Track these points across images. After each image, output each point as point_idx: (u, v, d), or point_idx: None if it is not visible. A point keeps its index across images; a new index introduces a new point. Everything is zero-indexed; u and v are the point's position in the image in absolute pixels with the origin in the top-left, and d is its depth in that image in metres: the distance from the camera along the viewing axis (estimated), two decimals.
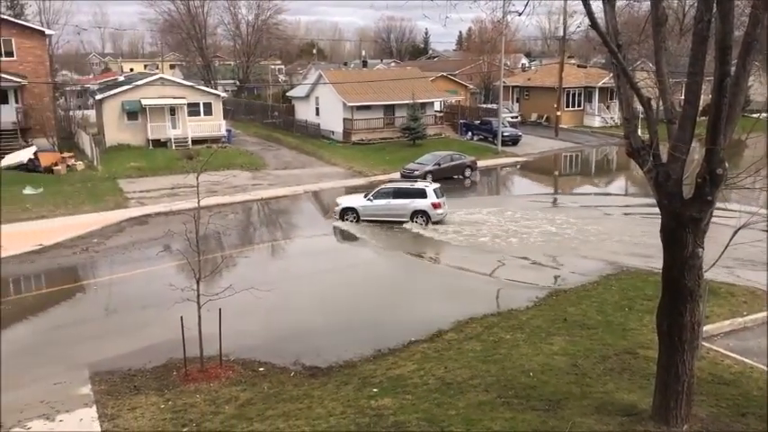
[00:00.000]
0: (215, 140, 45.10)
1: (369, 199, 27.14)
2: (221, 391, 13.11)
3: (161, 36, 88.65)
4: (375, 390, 12.86)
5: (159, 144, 43.85)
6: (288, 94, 61.49)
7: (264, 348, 15.28)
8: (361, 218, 26.98)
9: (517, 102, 64.23)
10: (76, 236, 25.53)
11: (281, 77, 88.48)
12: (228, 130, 48.13)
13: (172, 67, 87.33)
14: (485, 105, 61.72)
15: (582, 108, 60.39)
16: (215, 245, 24.48)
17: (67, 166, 37.57)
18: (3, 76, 39.69)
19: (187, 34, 70.12)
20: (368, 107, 48.44)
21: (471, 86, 67.97)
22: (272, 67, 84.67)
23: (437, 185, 28.16)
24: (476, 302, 18.11)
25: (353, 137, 48.08)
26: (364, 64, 76.82)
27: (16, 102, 41.39)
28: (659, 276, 10.90)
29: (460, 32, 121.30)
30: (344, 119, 48.60)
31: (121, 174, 36.72)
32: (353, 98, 47.65)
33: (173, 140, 43.94)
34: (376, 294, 19.35)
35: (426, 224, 26.78)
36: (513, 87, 64.36)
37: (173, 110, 44.66)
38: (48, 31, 45.82)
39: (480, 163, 40.36)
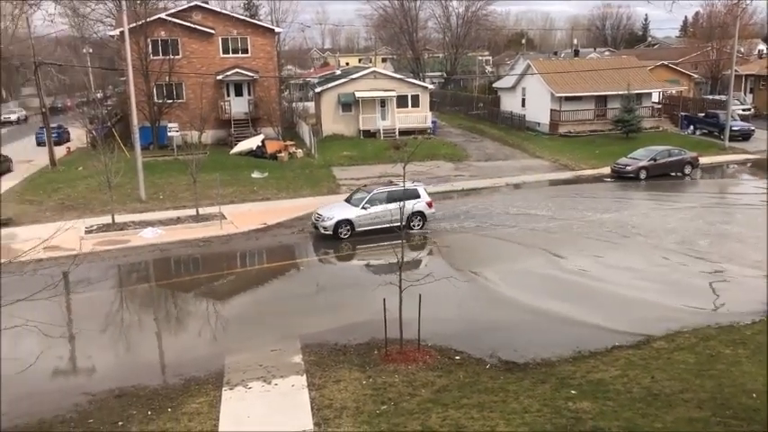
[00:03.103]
0: (421, 131, 46.31)
1: (363, 207, 24.63)
2: (418, 374, 13.49)
3: (375, 31, 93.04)
4: (573, 392, 12.40)
5: (369, 134, 46.07)
6: (494, 85, 61.17)
7: (461, 337, 15.42)
8: (357, 229, 24.47)
9: (750, 92, 57.62)
10: (295, 217, 27.78)
11: (488, 69, 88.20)
12: (434, 122, 49.13)
13: (383, 60, 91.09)
14: (711, 96, 56.19)
15: None
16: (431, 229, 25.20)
17: (289, 153, 40.98)
18: (238, 71, 44.40)
19: (399, 28, 72.76)
20: (577, 98, 46.56)
21: (696, 76, 62.24)
22: (480, 58, 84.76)
23: (422, 184, 26.53)
24: (688, 313, 16.66)
25: (560, 129, 46.52)
26: (576, 53, 73.91)
27: (248, 94, 46.08)
28: None
29: (686, 17, 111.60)
30: (551, 110, 47.19)
31: (335, 162, 39.17)
32: (562, 88, 46.06)
33: (381, 131, 45.92)
34: (577, 293, 18.55)
35: (422, 225, 25.30)
36: (747, 76, 57.81)
37: (383, 102, 46.64)
38: (277, 30, 50.23)
39: (703, 159, 36.97)
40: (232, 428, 11.66)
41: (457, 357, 14.43)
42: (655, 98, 50.52)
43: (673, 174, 34.68)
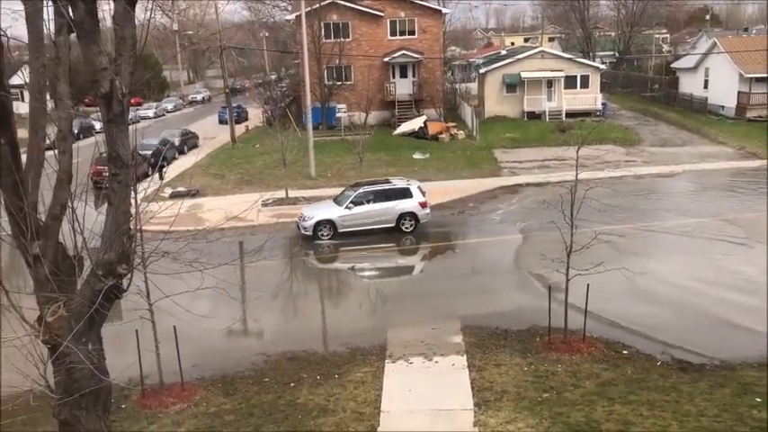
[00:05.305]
0: (589, 114, 44.35)
1: (347, 207, 23.07)
2: (582, 365, 13.08)
3: (542, 9, 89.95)
4: (758, 399, 11.39)
5: (533, 116, 44.89)
6: (672, 65, 56.93)
7: (629, 331, 14.73)
8: (339, 230, 22.97)
9: None
10: (454, 199, 27.85)
11: (665, 47, 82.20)
12: (604, 104, 46.81)
13: (550, 39, 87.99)
14: None
15: None
16: (587, 219, 24.21)
17: (450, 134, 41.04)
18: (405, 52, 45.05)
19: (569, 6, 69.81)
20: None
21: None
22: (657, 36, 79.11)
23: (418, 183, 24.10)
24: None
25: (749, 113, 42.33)
26: None
27: (413, 76, 46.67)
28: None
29: None
30: (739, 92, 43.05)
31: (497, 144, 38.65)
32: (753, 68, 41.78)
33: (547, 113, 44.55)
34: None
35: (414, 228, 23.10)
36: None
37: (549, 82, 45.18)
38: (444, 11, 50.25)
39: None
40: (395, 400, 12.05)
41: (624, 352, 13.78)
42: None
43: None
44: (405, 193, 23.52)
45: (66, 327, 7.43)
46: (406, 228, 23.50)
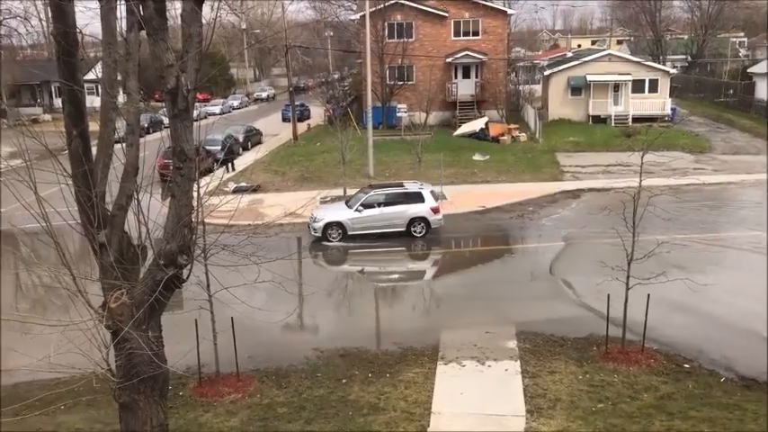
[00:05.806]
0: (657, 119, 42.97)
1: (357, 210, 22.71)
2: (640, 377, 12.70)
3: (611, 11, 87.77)
4: None
5: (599, 120, 43.82)
6: (748, 70, 54.64)
7: (691, 345, 14.21)
8: (349, 233, 22.71)
9: None
10: (514, 202, 27.47)
11: (742, 51, 78.87)
12: (673, 109, 45.31)
13: (619, 42, 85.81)
14: None
15: None
16: (649, 228, 23.48)
17: (512, 137, 40.52)
18: (468, 53, 44.75)
19: (640, 8, 67.90)
20: None
21: None
22: (733, 39, 76.01)
23: (432, 187, 23.38)
24: None
25: None
26: None
27: (476, 76, 46.31)
28: None
29: None
30: None
31: (559, 147, 37.93)
32: None
33: (613, 117, 43.45)
34: None
35: (426, 233, 22.86)
36: None
37: (616, 86, 44.04)
38: (509, 11, 49.66)
39: None
40: (446, 402, 11.99)
41: (686, 365, 13.31)
42: None
43: None
44: (416, 198, 23.17)
45: (127, 313, 7.71)
46: (417, 233, 23.14)
